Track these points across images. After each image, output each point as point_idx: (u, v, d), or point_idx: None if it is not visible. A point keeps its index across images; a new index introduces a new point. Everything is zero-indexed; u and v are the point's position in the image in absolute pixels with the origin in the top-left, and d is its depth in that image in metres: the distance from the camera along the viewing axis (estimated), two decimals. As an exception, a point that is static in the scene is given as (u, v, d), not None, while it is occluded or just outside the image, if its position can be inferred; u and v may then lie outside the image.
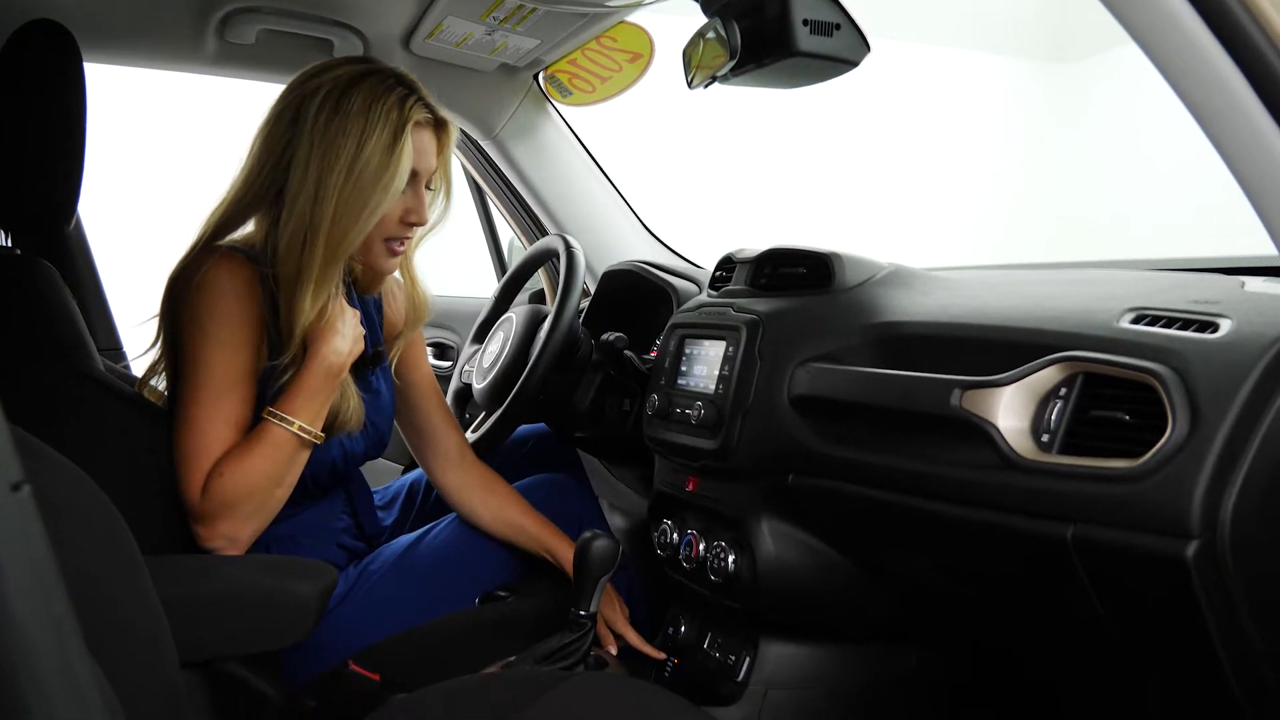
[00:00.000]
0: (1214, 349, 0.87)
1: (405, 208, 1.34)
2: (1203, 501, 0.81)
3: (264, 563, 1.27)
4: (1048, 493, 0.93)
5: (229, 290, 1.26)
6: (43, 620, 0.41)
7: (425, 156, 1.34)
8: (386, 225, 1.34)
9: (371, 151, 1.27)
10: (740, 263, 1.49)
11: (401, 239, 1.37)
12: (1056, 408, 0.96)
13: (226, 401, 1.25)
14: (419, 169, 1.34)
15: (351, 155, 1.27)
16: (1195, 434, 0.83)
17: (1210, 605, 0.82)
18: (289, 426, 1.25)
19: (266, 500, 1.26)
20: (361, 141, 1.27)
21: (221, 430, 1.25)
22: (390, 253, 1.38)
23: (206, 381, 1.25)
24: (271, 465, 1.24)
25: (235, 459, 1.23)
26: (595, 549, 1.37)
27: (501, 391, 1.65)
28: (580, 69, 1.97)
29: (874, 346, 1.22)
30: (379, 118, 1.28)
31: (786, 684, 1.35)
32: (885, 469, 1.12)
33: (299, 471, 1.30)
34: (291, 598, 1.18)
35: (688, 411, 1.39)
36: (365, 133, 1.27)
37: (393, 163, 1.28)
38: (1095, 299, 1.06)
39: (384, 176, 1.28)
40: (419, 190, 1.36)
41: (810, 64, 1.28)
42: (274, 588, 1.18)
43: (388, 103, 1.29)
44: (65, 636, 0.41)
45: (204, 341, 1.26)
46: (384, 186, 1.28)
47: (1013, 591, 1.08)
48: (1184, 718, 1.00)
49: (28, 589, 0.40)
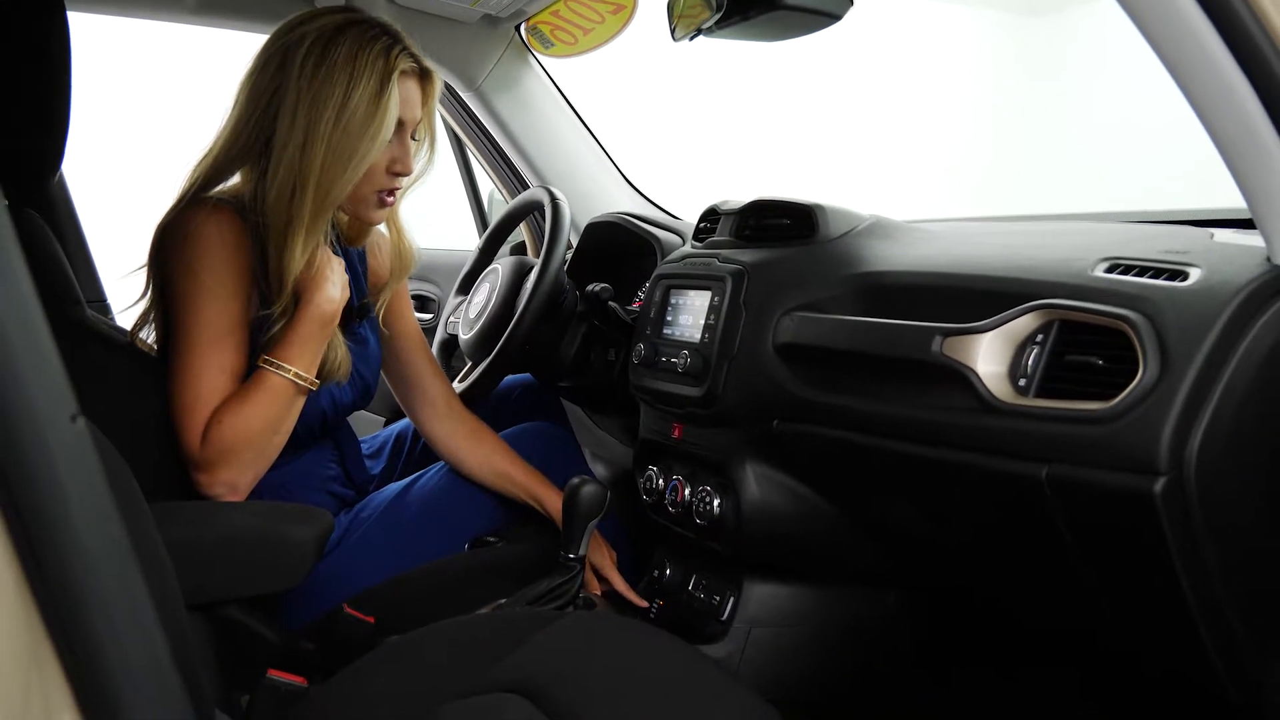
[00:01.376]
0: (1184, 296, 0.91)
1: (391, 157, 1.36)
2: (1170, 441, 0.86)
3: (262, 509, 1.29)
4: (1024, 434, 0.97)
5: (220, 241, 1.28)
6: (104, 542, 0.43)
7: (411, 106, 1.36)
8: (374, 175, 1.36)
9: (359, 100, 1.28)
10: (724, 214, 1.52)
11: (390, 189, 1.39)
12: (1033, 353, 1.00)
13: (221, 350, 1.27)
14: (405, 118, 1.35)
15: (339, 103, 1.28)
16: (1165, 377, 0.87)
17: (1174, 536, 0.87)
18: (285, 373, 1.27)
19: (265, 447, 1.29)
20: (349, 90, 1.28)
21: (218, 379, 1.27)
22: (379, 203, 1.39)
23: (201, 331, 1.27)
24: (270, 411, 1.27)
25: (234, 407, 1.25)
26: (584, 494, 1.40)
27: (488, 342, 1.68)
28: (563, 20, 1.97)
29: (857, 295, 1.26)
30: (365, 66, 1.29)
31: (769, 623, 1.40)
32: (868, 414, 1.16)
33: (295, 418, 1.33)
34: (290, 542, 1.21)
35: (673, 360, 1.43)
36: (352, 81, 1.28)
37: (379, 112, 1.29)
38: (1071, 249, 1.10)
39: (371, 125, 1.29)
40: (405, 140, 1.37)
41: (794, 17, 1.30)
42: (273, 532, 1.21)
43: (374, 51, 1.30)
44: (123, 557, 0.44)
45: (197, 292, 1.27)
46: (371, 135, 1.30)
47: (989, 532, 1.13)
48: (1141, 641, 1.06)
49: (90, 513, 0.43)
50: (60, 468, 0.42)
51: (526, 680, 0.92)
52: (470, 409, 1.66)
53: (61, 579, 0.43)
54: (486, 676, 0.95)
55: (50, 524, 0.42)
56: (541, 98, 2.10)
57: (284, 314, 1.31)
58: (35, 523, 0.42)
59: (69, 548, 0.43)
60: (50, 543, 0.42)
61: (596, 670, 0.97)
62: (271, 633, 1.37)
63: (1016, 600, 1.27)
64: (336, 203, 1.33)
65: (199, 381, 1.26)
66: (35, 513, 0.42)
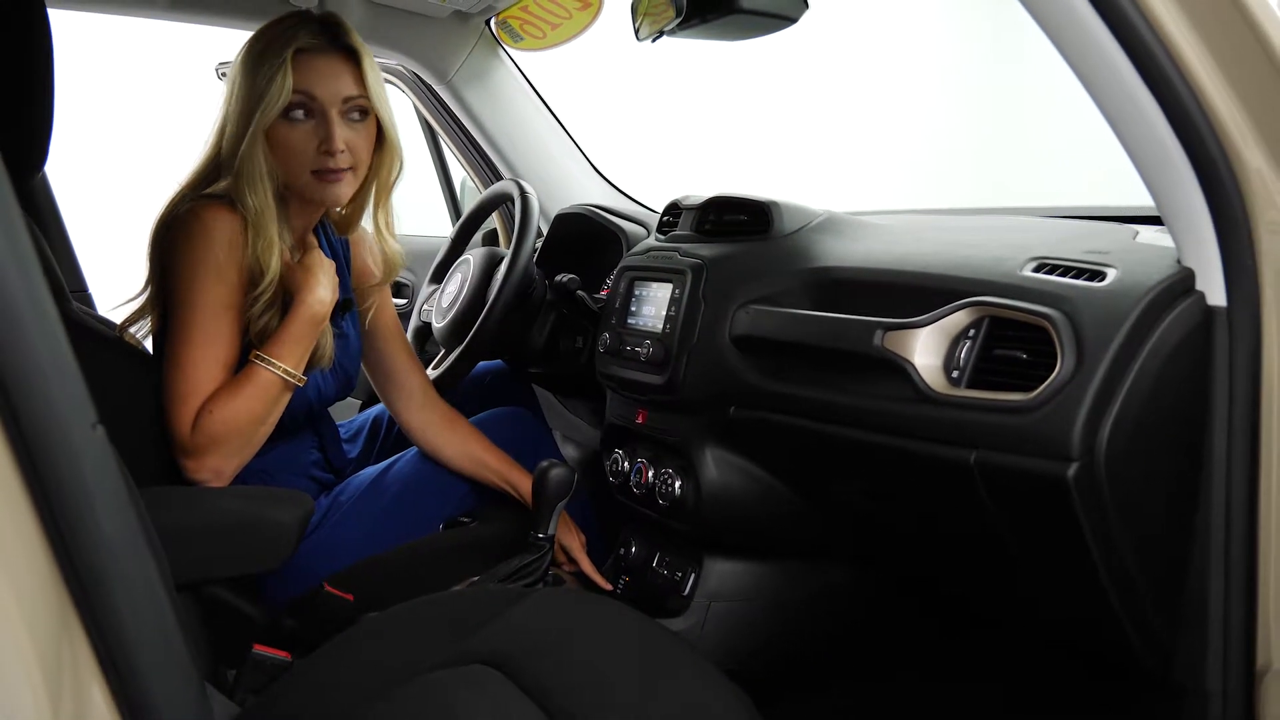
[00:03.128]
0: (1099, 295, 0.99)
1: (318, 137, 1.38)
2: (1082, 429, 0.94)
3: (246, 493, 1.36)
4: (956, 422, 1.06)
5: (219, 237, 1.34)
6: (124, 535, 0.50)
7: (321, 81, 1.37)
8: (300, 155, 1.38)
9: (261, 79, 1.35)
10: (686, 209, 1.59)
11: (325, 169, 1.39)
12: (965, 347, 1.08)
13: (217, 343, 1.34)
14: (318, 94, 1.37)
15: (248, 88, 1.36)
16: (1079, 371, 0.96)
17: (1086, 516, 0.96)
18: (275, 369, 1.34)
19: (251, 436, 1.35)
20: (256, 75, 1.36)
21: (213, 370, 1.33)
22: (323, 183, 1.41)
23: (199, 324, 1.33)
24: (258, 404, 1.33)
25: (224, 398, 1.31)
26: (552, 476, 1.48)
27: (461, 330, 1.74)
28: (531, 15, 2.02)
29: (808, 289, 1.33)
30: (271, 51, 1.36)
31: (728, 597, 1.49)
32: (817, 402, 1.24)
33: (280, 411, 1.39)
34: (273, 524, 1.27)
35: (637, 349, 1.50)
36: (259, 64, 1.36)
37: (274, 85, 1.34)
38: (1004, 247, 1.18)
39: (265, 100, 1.35)
40: (328, 116, 1.38)
41: (751, 20, 1.37)
42: (257, 515, 1.27)
43: (281, 37, 1.37)
44: (140, 546, 0.51)
45: (196, 287, 1.33)
46: (264, 109, 1.35)
47: (926, 510, 1.22)
48: (1063, 613, 1.15)
49: (113, 510, 0.50)
50: (86, 472, 0.49)
51: (498, 653, 0.97)
52: (445, 394, 1.72)
53: (88, 567, 0.50)
54: (461, 649, 0.99)
55: (77, 520, 0.49)
56: (512, 90, 2.15)
57: (271, 305, 1.38)
58: (65, 519, 0.49)
59: (95, 541, 0.50)
60: (78, 537, 0.49)
61: (565, 644, 1.01)
62: (255, 610, 1.43)
63: (952, 573, 1.35)
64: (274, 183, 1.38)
65: (194, 372, 1.32)
66: (64, 510, 0.49)
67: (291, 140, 1.38)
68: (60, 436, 0.48)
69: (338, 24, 1.41)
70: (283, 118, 1.36)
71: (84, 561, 0.49)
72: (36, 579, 0.48)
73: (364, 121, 1.42)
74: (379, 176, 1.48)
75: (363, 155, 1.42)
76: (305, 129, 1.38)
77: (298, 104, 1.37)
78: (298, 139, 1.38)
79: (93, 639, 0.50)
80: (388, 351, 1.68)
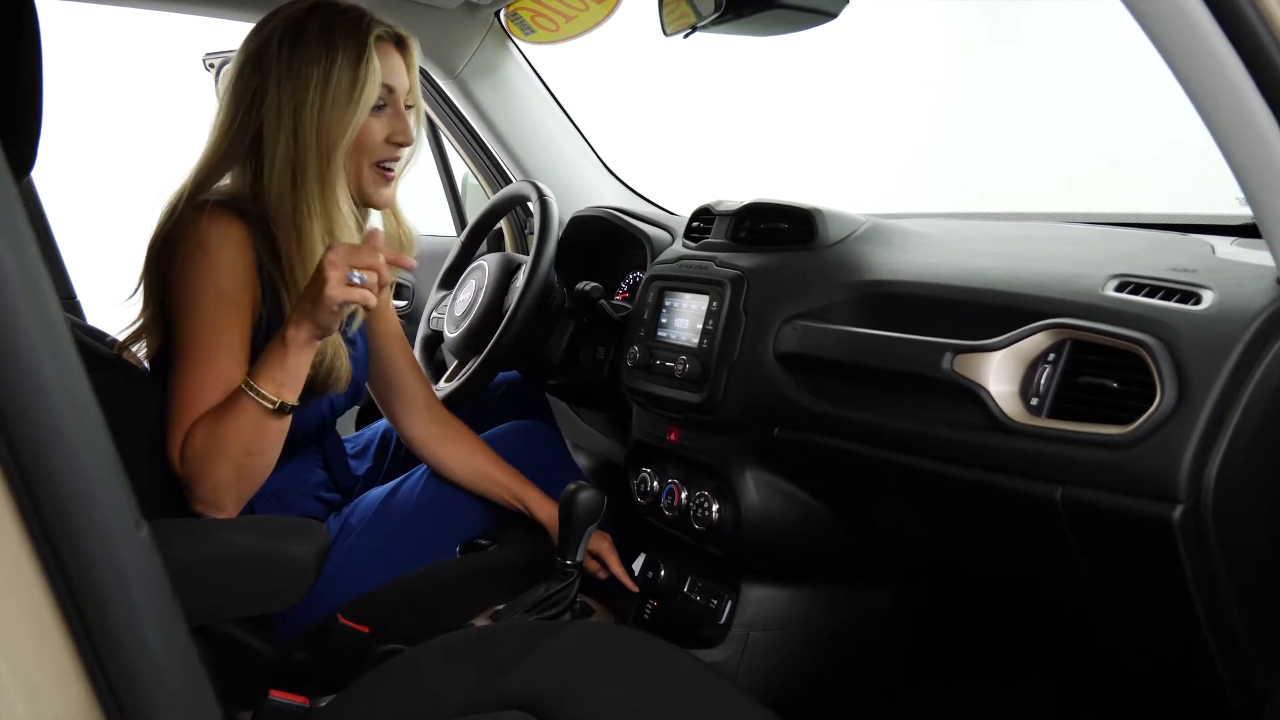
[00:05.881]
0: (1199, 321, 0.92)
1: (391, 129, 1.35)
2: (1190, 468, 0.87)
3: (258, 524, 1.26)
4: (1038, 454, 0.98)
5: (224, 247, 1.24)
6: (170, 641, 0.42)
7: (396, 73, 1.35)
8: (372, 146, 1.34)
9: (339, 71, 1.27)
10: (719, 215, 1.50)
11: (389, 161, 1.36)
12: (1045, 372, 1.00)
13: (217, 362, 1.23)
14: (393, 84, 1.34)
15: (322, 79, 1.27)
16: (1183, 404, 0.88)
17: (1191, 562, 0.89)
18: (255, 397, 1.21)
19: (244, 467, 1.23)
20: (328, 64, 1.27)
21: (208, 392, 1.22)
22: (382, 178, 1.37)
23: (199, 341, 1.23)
24: (241, 434, 1.20)
25: (206, 423, 1.21)
26: (581, 500, 1.40)
27: (477, 340, 1.65)
28: (545, 6, 1.93)
29: (860, 305, 1.25)
30: (340, 39, 1.28)
31: (768, 626, 1.41)
32: (874, 426, 1.17)
33: (275, 441, 1.26)
34: (289, 559, 1.17)
35: (669, 364, 1.42)
36: (330, 54, 1.27)
37: (362, 77, 1.28)
38: (1076, 263, 1.10)
39: (354, 92, 1.28)
40: (399, 108, 1.36)
41: (790, 14, 1.30)
42: (271, 550, 1.17)
43: (345, 23, 1.29)
44: (185, 650, 0.43)
45: (199, 301, 1.23)
46: (356, 103, 1.28)
47: (994, 542, 1.14)
48: (1156, 663, 1.08)
49: (157, 612, 0.41)
50: (129, 576, 0.41)
51: (531, 695, 0.92)
52: (460, 407, 1.64)
53: (129, 681, 0.42)
54: (491, 692, 0.94)
55: (117, 634, 0.41)
56: (522, 86, 2.05)
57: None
58: (100, 628, 0.41)
59: (138, 659, 0.41)
60: (119, 654, 0.41)
61: (602, 684, 0.96)
62: (264, 645, 1.35)
63: (1013, 595, 1.28)
64: (338, 179, 1.30)
65: (189, 394, 1.22)
66: (102, 618, 0.41)
67: (369, 133, 1.32)
68: (101, 536, 0.40)
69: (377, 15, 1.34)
70: None
71: (126, 688, 0.41)
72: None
73: (414, 110, 1.40)
74: None
75: (413, 144, 1.40)
76: (379, 121, 1.34)
77: (379, 98, 1.32)
78: (374, 131, 1.33)
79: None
80: (389, 357, 1.58)
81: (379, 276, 1.17)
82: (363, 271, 1.16)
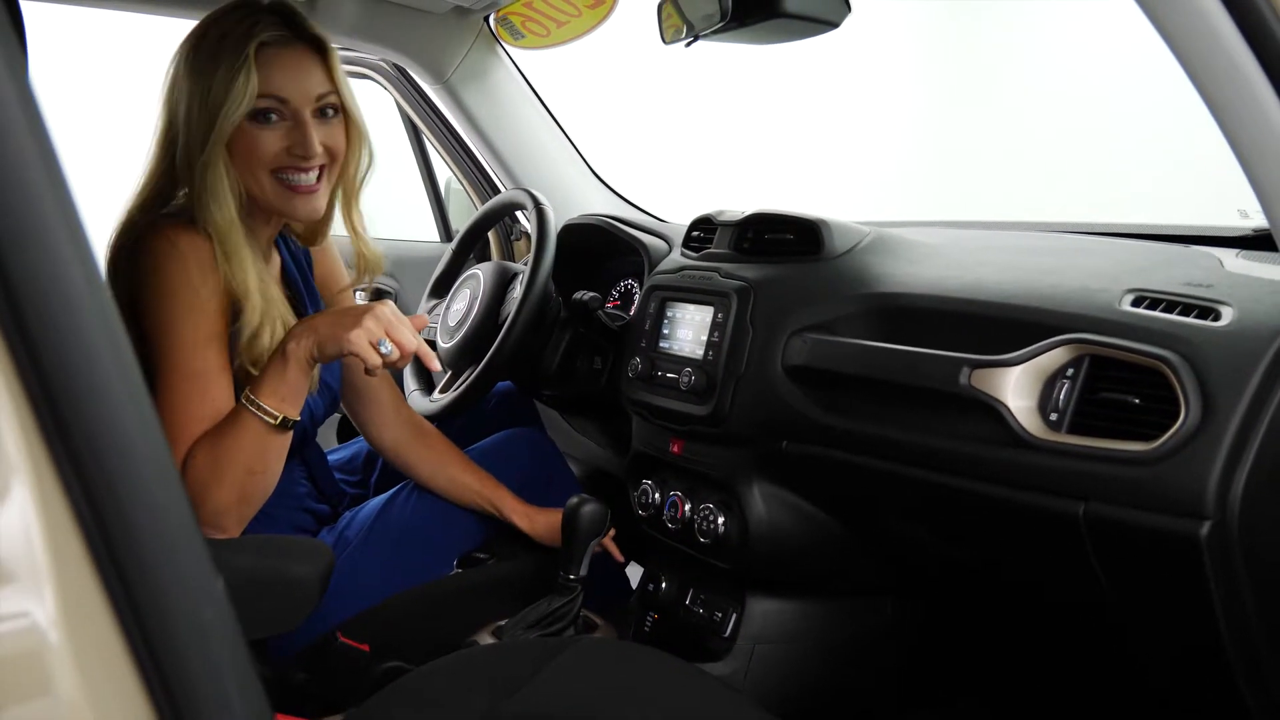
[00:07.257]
0: (1222, 338, 0.92)
1: (290, 140, 1.26)
2: (1217, 484, 0.87)
3: (259, 545, 1.23)
4: (1059, 470, 0.98)
5: (187, 261, 1.20)
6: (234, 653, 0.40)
7: (291, 82, 1.25)
8: (262, 158, 1.25)
9: (218, 81, 1.21)
10: (722, 225, 1.49)
11: (288, 172, 1.27)
12: (1064, 388, 1.00)
13: (203, 378, 1.19)
14: (286, 94, 1.25)
15: (203, 92, 1.21)
16: (1208, 420, 0.88)
17: (1216, 578, 0.89)
18: (257, 413, 1.18)
19: (245, 487, 1.19)
20: (209, 74, 1.21)
21: (199, 408, 1.19)
22: (286, 190, 1.28)
23: (181, 359, 1.19)
24: (244, 452, 1.18)
25: (207, 443, 1.18)
26: (584, 514, 1.38)
27: (473, 351, 1.63)
28: (535, 12, 1.91)
29: (869, 317, 1.25)
30: (228, 47, 1.22)
31: (773, 639, 1.40)
32: (887, 440, 1.16)
33: (278, 458, 1.23)
34: (292, 581, 1.15)
35: (672, 376, 1.40)
36: (214, 64, 1.21)
37: (236, 87, 1.21)
38: (1091, 276, 1.10)
39: (227, 103, 1.21)
40: (301, 118, 1.26)
41: (793, 24, 1.29)
42: (274, 572, 1.14)
43: (237, 30, 1.22)
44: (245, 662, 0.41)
45: (173, 318, 1.19)
46: (226, 114, 1.21)
47: (1010, 556, 1.14)
48: (1178, 686, 1.09)
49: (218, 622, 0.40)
50: (210, 637, 0.39)
51: (540, 715, 0.91)
52: (450, 418, 1.61)
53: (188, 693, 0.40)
54: (500, 712, 0.92)
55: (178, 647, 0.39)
56: (511, 92, 2.03)
57: (256, 331, 1.23)
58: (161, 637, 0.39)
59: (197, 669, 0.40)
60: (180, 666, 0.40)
61: (609, 702, 0.95)
62: (262, 664, 1.31)
63: (1028, 607, 1.28)
64: (224, 191, 1.23)
65: (180, 413, 1.18)
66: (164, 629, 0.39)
67: (258, 144, 1.24)
68: (183, 598, 0.38)
69: (294, 12, 1.28)
70: (248, 120, 1.23)
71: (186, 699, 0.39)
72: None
73: (337, 117, 1.30)
74: (346, 174, 1.34)
75: (338, 154, 1.31)
76: (274, 132, 1.25)
77: (266, 107, 1.24)
78: (266, 142, 1.24)
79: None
80: (355, 364, 1.54)
81: (400, 354, 1.18)
82: (392, 344, 1.17)
